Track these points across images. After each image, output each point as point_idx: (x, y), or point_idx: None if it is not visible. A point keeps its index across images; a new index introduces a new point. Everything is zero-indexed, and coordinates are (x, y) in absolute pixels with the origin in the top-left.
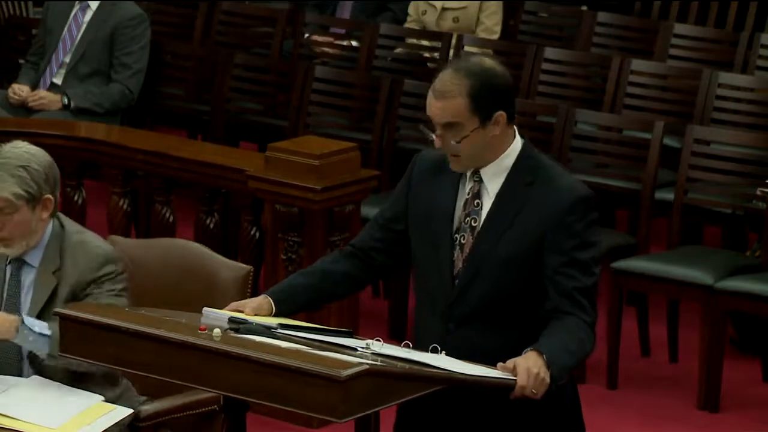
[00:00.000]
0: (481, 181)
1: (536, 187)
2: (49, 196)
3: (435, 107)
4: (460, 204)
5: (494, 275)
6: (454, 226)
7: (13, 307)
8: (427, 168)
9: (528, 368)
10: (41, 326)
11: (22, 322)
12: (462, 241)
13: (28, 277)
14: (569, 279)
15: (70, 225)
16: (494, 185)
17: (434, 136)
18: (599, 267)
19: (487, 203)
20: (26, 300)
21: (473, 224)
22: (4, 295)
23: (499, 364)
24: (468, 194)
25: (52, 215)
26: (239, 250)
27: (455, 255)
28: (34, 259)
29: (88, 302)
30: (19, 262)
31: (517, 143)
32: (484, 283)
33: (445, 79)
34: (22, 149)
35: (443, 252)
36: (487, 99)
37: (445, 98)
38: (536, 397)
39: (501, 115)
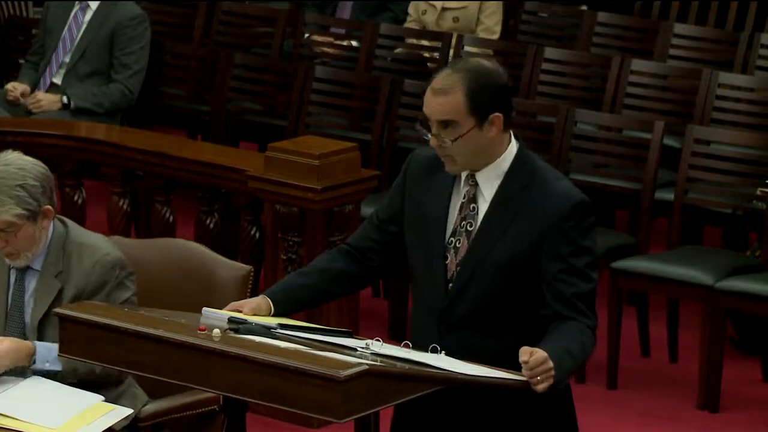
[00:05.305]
0: (476, 184)
1: (532, 192)
2: (48, 206)
3: (433, 104)
4: (455, 207)
5: (489, 280)
6: (448, 229)
7: (18, 312)
8: (422, 167)
9: (547, 358)
10: (53, 362)
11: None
12: (457, 245)
13: (32, 282)
14: (568, 285)
15: (73, 227)
16: (490, 189)
17: (430, 136)
18: (597, 272)
19: (483, 207)
20: (29, 304)
21: (469, 228)
22: (9, 300)
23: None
24: (464, 198)
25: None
26: (239, 250)
27: (449, 259)
28: (38, 263)
29: (88, 302)
30: (23, 267)
31: (513, 147)
32: (478, 287)
33: (444, 77)
34: (13, 166)
35: (437, 255)
36: (485, 99)
37: (444, 95)
38: (535, 387)
39: (497, 116)
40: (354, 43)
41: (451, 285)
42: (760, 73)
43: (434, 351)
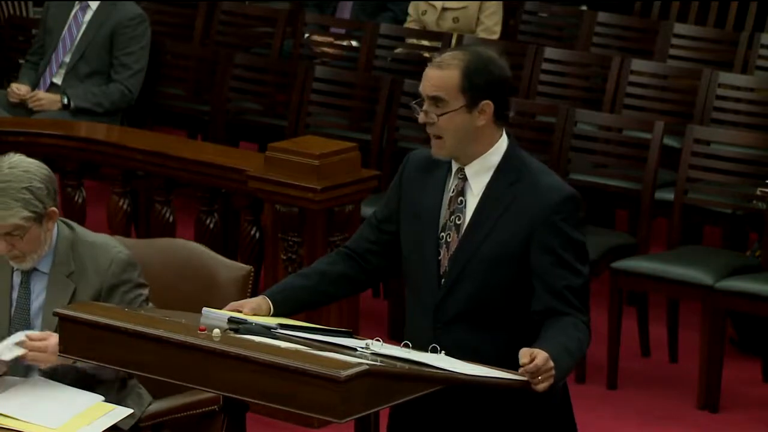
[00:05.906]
0: (465, 178)
1: (521, 187)
2: (53, 208)
3: (427, 77)
4: (446, 203)
5: (480, 275)
6: (440, 224)
7: (23, 313)
8: (418, 167)
9: (548, 358)
10: None
11: None
12: (448, 240)
13: (38, 283)
14: (559, 278)
15: (80, 228)
16: (479, 183)
17: (420, 112)
18: (587, 267)
19: (472, 201)
20: (36, 305)
21: (458, 222)
22: (13, 302)
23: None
24: (452, 192)
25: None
26: (239, 250)
27: (441, 254)
28: (44, 265)
29: (88, 302)
30: (29, 269)
31: (503, 142)
32: (470, 282)
33: (446, 54)
34: (19, 169)
35: (429, 251)
36: (479, 82)
37: (440, 69)
38: (536, 387)
39: (488, 104)
40: (354, 43)
41: (443, 280)
42: (760, 73)
43: (434, 351)
